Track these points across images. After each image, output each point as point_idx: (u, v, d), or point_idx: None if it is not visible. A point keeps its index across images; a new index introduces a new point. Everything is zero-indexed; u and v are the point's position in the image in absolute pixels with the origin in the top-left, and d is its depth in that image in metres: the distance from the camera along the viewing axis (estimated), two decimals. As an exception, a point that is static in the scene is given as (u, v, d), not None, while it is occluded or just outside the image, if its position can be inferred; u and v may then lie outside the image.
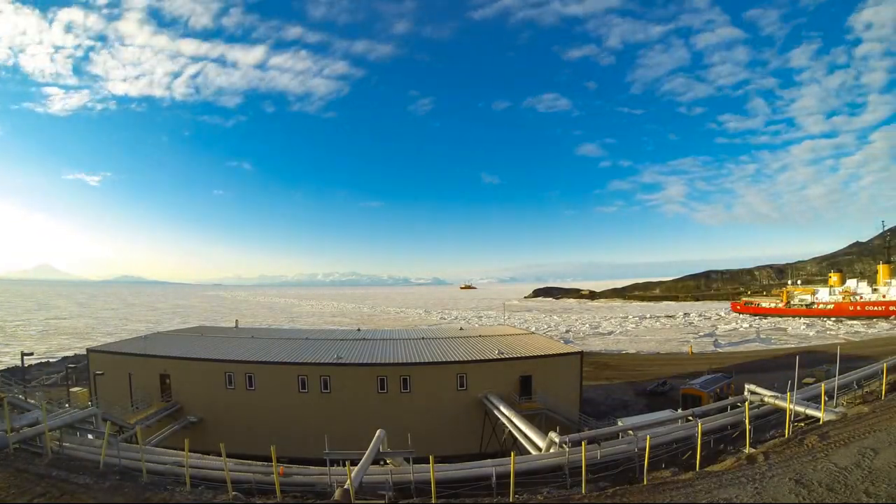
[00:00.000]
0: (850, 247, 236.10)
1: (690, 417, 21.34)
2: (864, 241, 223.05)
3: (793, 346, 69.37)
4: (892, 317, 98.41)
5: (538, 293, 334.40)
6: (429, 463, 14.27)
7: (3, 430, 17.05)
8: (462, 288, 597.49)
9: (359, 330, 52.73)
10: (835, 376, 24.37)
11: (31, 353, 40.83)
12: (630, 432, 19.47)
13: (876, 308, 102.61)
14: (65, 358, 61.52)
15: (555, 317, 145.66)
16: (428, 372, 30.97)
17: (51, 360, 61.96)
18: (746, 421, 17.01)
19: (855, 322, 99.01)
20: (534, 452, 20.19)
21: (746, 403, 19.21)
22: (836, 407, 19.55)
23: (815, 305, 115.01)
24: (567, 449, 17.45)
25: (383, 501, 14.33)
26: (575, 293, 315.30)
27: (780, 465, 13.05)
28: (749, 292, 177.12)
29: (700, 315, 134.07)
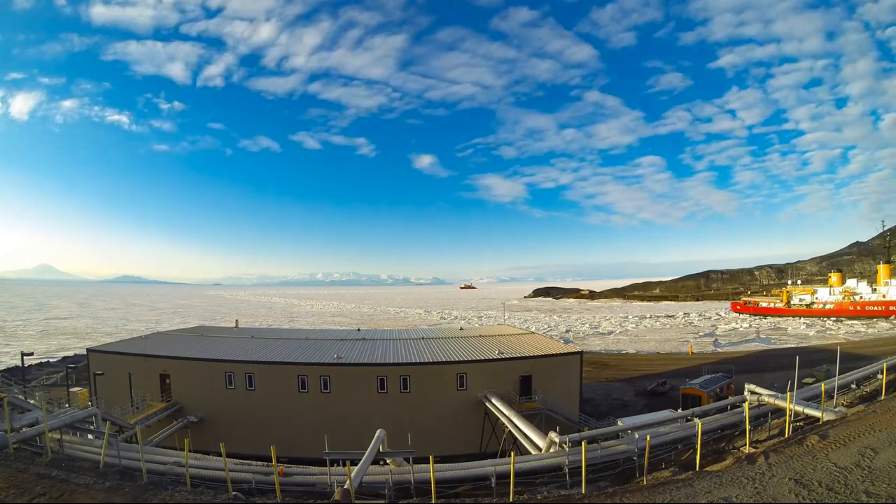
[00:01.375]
0: (850, 247, 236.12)
1: (690, 417, 21.34)
2: (864, 241, 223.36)
3: (793, 345, 69.38)
4: (892, 317, 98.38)
5: (538, 293, 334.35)
6: (429, 463, 14.29)
7: (3, 430, 17.06)
8: (462, 288, 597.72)
9: (359, 330, 52.71)
10: (835, 376, 24.40)
11: (31, 353, 40.80)
12: (630, 432, 19.46)
13: (876, 308, 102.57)
14: (65, 358, 61.52)
15: (555, 317, 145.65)
16: (428, 372, 30.97)
17: (51, 360, 61.94)
18: (746, 421, 17.03)
19: (855, 322, 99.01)
20: (534, 452, 20.19)
21: (746, 403, 19.25)
22: (835, 407, 19.55)
23: (815, 305, 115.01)
24: (567, 449, 17.45)
25: (383, 501, 14.34)
26: (575, 293, 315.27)
27: (780, 465, 13.06)
28: (749, 292, 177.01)
29: (700, 315, 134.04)
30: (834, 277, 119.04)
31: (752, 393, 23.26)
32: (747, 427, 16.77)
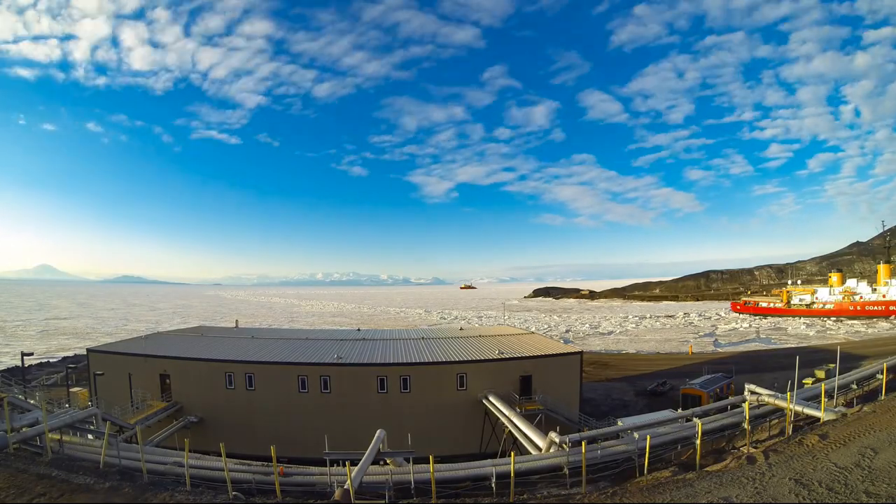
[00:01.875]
0: (850, 247, 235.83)
1: (690, 417, 21.35)
2: (864, 241, 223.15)
3: (793, 345, 69.36)
4: (892, 317, 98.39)
5: (538, 293, 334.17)
6: (429, 463, 14.29)
7: (3, 430, 17.06)
8: (462, 288, 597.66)
9: (359, 330, 52.72)
10: (835, 376, 24.44)
11: (31, 353, 40.83)
12: (630, 432, 19.47)
13: (876, 308, 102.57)
14: (65, 358, 61.51)
15: (555, 317, 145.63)
16: (428, 372, 30.96)
17: (51, 360, 61.94)
18: (746, 421, 17.05)
19: (855, 322, 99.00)
20: (534, 452, 20.19)
21: (746, 403, 19.25)
22: (835, 407, 19.57)
23: (815, 305, 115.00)
24: (567, 449, 17.45)
25: (383, 501, 14.35)
26: (575, 293, 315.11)
27: (780, 465, 13.06)
28: (749, 292, 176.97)
29: (700, 315, 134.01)
30: (834, 277, 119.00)
31: (752, 393, 23.29)
32: (747, 427, 16.80)
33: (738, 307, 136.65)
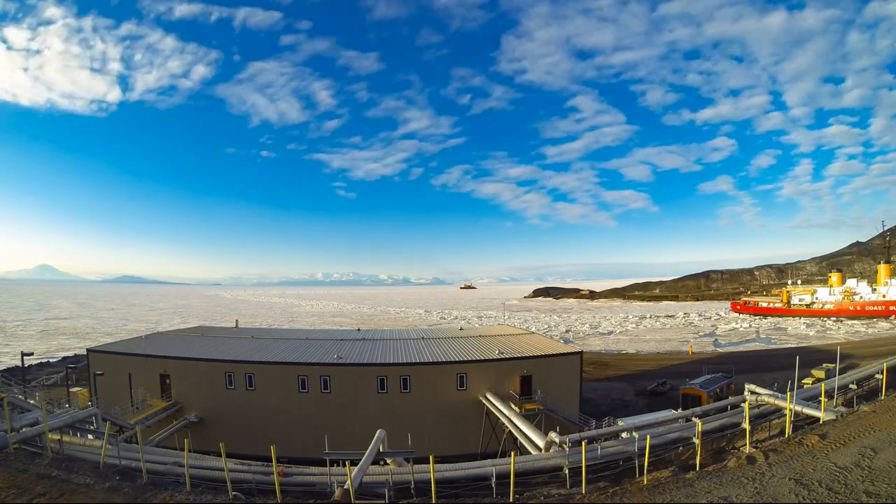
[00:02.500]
0: (850, 247, 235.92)
1: (690, 417, 21.35)
2: (864, 241, 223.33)
3: (793, 345, 69.38)
4: (892, 317, 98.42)
5: (538, 293, 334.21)
6: (429, 463, 14.29)
7: (3, 430, 17.05)
8: (462, 288, 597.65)
9: (359, 330, 52.73)
10: (835, 376, 24.45)
11: (31, 353, 40.87)
12: (630, 432, 19.47)
13: (876, 308, 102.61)
14: (65, 358, 61.53)
15: (555, 317, 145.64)
16: (428, 372, 30.97)
17: (51, 360, 61.97)
18: (746, 421, 17.04)
19: (855, 322, 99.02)
20: (534, 452, 20.20)
21: (746, 403, 19.24)
22: (835, 407, 19.57)
23: (815, 305, 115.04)
24: (567, 449, 17.45)
25: (383, 501, 14.36)
26: (575, 293, 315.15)
27: (780, 465, 13.07)
28: (749, 292, 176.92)
29: (700, 315, 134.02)
30: (834, 277, 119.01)
31: (752, 393, 23.29)
32: (747, 427, 16.78)
33: (738, 307, 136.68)
